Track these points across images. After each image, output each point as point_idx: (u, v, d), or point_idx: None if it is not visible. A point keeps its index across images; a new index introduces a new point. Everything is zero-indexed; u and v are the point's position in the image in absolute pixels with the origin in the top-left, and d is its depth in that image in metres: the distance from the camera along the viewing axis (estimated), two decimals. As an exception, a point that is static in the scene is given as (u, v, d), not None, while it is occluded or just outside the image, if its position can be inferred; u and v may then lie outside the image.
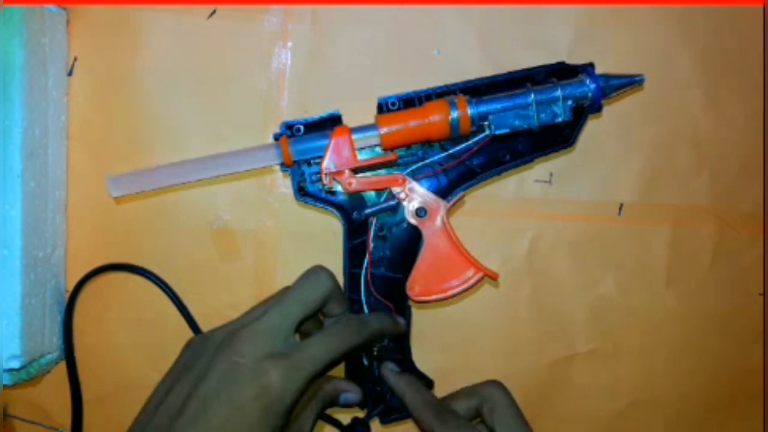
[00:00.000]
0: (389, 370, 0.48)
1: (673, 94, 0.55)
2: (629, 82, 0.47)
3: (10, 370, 0.49)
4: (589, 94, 0.46)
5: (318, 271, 0.43)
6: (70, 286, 0.54)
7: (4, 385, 0.50)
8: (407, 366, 0.50)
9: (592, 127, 0.53)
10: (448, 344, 0.56)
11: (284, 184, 0.54)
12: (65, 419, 0.56)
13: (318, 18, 0.53)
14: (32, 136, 0.48)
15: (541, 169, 0.55)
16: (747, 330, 0.58)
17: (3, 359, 0.48)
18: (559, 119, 0.46)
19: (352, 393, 0.46)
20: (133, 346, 0.55)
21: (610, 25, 0.54)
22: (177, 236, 0.54)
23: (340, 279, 0.49)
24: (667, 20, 0.54)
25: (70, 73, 0.53)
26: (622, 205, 0.56)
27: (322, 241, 0.54)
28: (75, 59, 0.53)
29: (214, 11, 0.52)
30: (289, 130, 0.48)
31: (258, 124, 0.53)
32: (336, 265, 0.52)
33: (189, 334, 0.54)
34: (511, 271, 0.55)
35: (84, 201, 0.54)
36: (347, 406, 0.47)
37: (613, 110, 0.54)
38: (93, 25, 0.52)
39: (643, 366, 0.57)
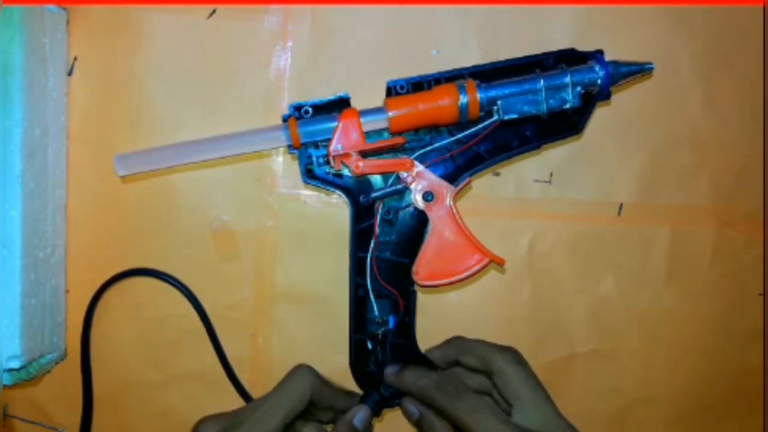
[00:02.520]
0: (391, 376, 0.48)
1: (673, 94, 0.55)
2: (638, 70, 0.47)
3: (10, 370, 0.49)
4: (599, 81, 0.46)
5: (298, 371, 0.45)
6: (71, 286, 0.55)
7: (4, 385, 0.50)
8: (412, 351, 0.50)
9: (592, 126, 0.53)
10: (448, 344, 0.56)
11: (284, 184, 0.54)
12: (65, 419, 0.56)
13: (318, 18, 0.53)
14: (32, 136, 0.48)
15: (541, 168, 0.55)
16: (746, 330, 0.58)
17: (3, 359, 0.48)
18: (568, 105, 0.46)
19: (361, 412, 0.47)
20: (135, 347, 0.55)
21: (610, 25, 0.53)
22: (177, 236, 0.54)
23: (346, 264, 0.49)
24: (667, 20, 0.54)
25: (70, 73, 0.53)
26: (622, 205, 0.56)
27: (321, 242, 0.54)
28: (75, 59, 0.53)
29: (214, 11, 0.52)
30: (298, 111, 0.47)
31: (258, 124, 0.53)
32: (336, 265, 0.52)
33: (190, 335, 0.55)
34: (511, 271, 0.55)
35: (84, 201, 0.54)
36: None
37: (613, 110, 0.54)
38: (93, 25, 0.52)
39: (642, 366, 0.57)
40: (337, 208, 0.54)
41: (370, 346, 0.49)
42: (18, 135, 0.47)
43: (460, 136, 0.47)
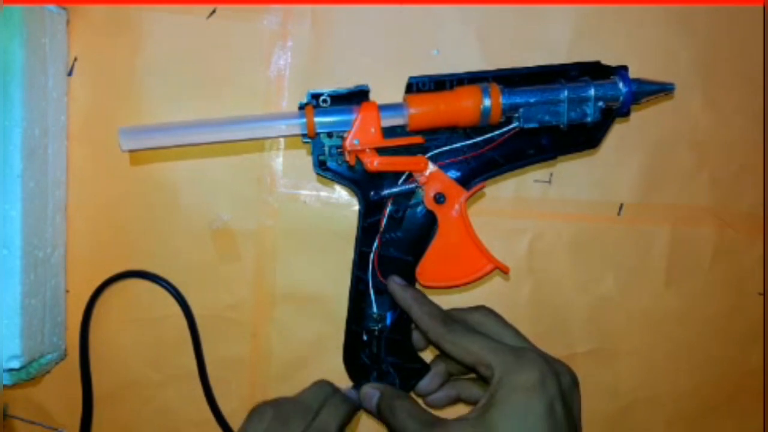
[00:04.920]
0: (395, 284, 0.47)
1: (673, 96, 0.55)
2: (660, 90, 0.47)
3: (10, 370, 0.49)
4: (621, 98, 0.46)
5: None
6: (70, 286, 0.55)
7: (4, 385, 0.50)
8: (408, 348, 0.50)
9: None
10: (448, 344, 0.56)
11: (284, 184, 0.54)
12: (65, 419, 0.56)
13: (318, 18, 0.53)
14: (32, 136, 0.48)
15: (541, 169, 0.55)
16: (747, 330, 0.58)
17: (3, 359, 0.48)
18: (588, 119, 0.45)
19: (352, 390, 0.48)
20: (135, 347, 0.55)
21: (610, 25, 0.54)
22: (177, 236, 0.54)
23: (347, 264, 0.49)
24: (667, 20, 0.54)
25: (70, 73, 0.53)
26: (622, 205, 0.56)
27: (321, 242, 0.54)
28: (75, 59, 0.53)
29: (213, 11, 0.52)
30: (315, 99, 0.46)
31: (258, 124, 0.53)
32: (336, 264, 0.52)
33: (189, 336, 0.55)
34: (511, 271, 0.55)
35: (84, 201, 0.54)
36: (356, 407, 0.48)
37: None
38: (93, 25, 0.52)
39: (643, 366, 0.57)
40: (337, 208, 0.54)
41: (365, 338, 0.49)
42: (18, 135, 0.47)
43: (477, 139, 0.47)
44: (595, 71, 0.47)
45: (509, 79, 0.47)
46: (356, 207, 0.49)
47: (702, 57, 0.54)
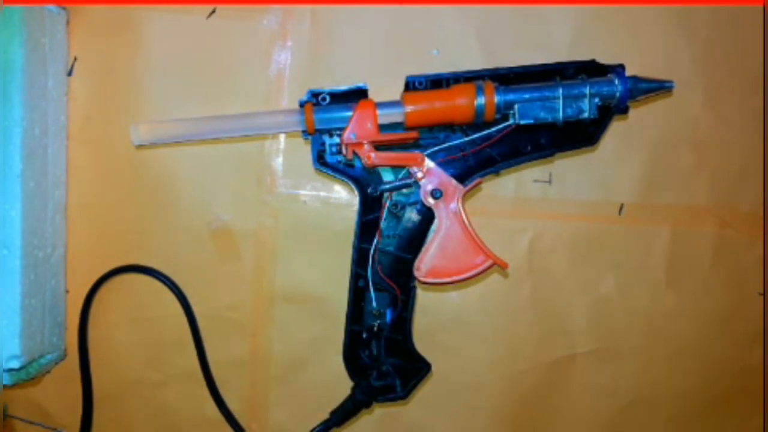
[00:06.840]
0: None
1: (673, 94, 0.55)
2: (658, 87, 0.47)
3: (10, 370, 0.49)
4: (617, 95, 0.46)
5: None
6: (71, 286, 0.55)
7: (4, 385, 0.50)
8: (407, 347, 0.50)
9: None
10: (447, 343, 0.56)
11: (284, 185, 0.54)
12: (65, 419, 0.56)
13: (318, 18, 0.53)
14: (32, 136, 0.48)
15: (540, 169, 0.55)
16: (747, 330, 0.58)
17: (3, 359, 0.48)
18: (585, 115, 0.46)
19: None
20: (134, 346, 0.56)
21: (610, 25, 0.53)
22: (177, 236, 0.54)
23: (346, 264, 0.49)
24: (667, 20, 0.54)
25: (70, 73, 0.53)
26: (622, 205, 0.56)
27: (321, 241, 0.54)
28: (75, 59, 0.53)
29: (213, 11, 0.52)
30: (315, 98, 0.47)
31: (258, 124, 0.53)
32: (336, 264, 0.52)
33: (189, 335, 0.55)
34: (511, 271, 0.55)
35: (84, 201, 0.54)
36: None
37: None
38: (93, 25, 0.52)
39: (643, 366, 0.57)
40: (337, 208, 0.54)
41: (365, 336, 0.49)
42: (18, 135, 0.47)
43: (474, 136, 0.47)
44: (592, 69, 0.47)
45: (506, 77, 0.47)
46: (356, 207, 0.49)
47: (702, 57, 0.54)
